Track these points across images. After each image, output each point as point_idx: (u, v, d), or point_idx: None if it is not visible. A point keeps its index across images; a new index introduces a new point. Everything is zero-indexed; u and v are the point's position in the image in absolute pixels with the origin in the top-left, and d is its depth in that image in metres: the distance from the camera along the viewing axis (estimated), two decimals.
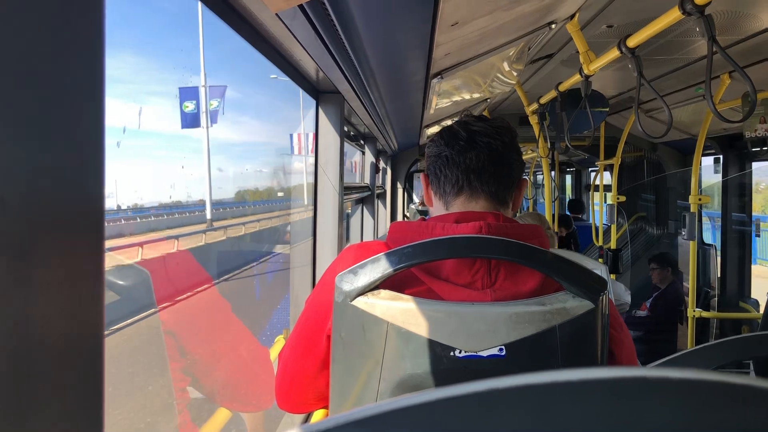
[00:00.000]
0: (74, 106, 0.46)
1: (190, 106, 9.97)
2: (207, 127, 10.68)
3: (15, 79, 0.40)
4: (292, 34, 1.40)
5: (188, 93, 9.99)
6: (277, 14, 1.23)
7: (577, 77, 2.67)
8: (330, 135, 2.32)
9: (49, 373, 0.42)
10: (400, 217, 6.56)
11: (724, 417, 0.25)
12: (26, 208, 0.41)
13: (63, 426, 0.44)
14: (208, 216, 12.17)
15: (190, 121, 10.03)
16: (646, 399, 0.26)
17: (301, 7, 1.17)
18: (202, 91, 10.12)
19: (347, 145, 4.06)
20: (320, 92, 2.29)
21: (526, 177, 1.25)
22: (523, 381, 0.26)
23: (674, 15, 1.65)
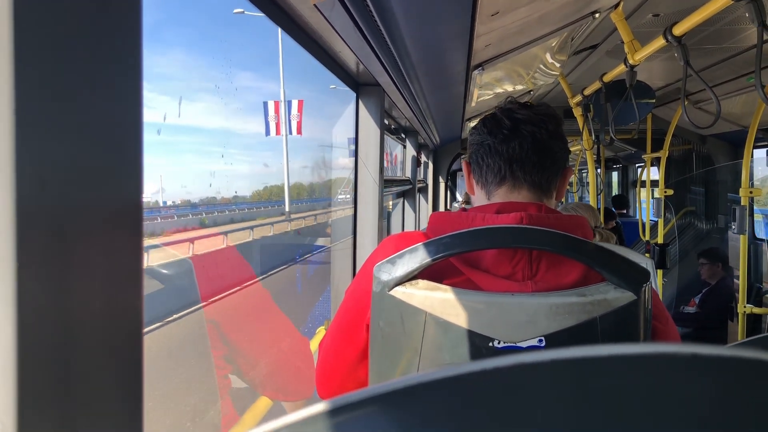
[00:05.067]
0: (113, 99, 0.46)
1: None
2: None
3: (54, 75, 0.41)
4: (331, 26, 1.40)
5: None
6: (315, 5, 1.24)
7: (621, 68, 2.61)
8: (370, 128, 2.33)
9: (89, 360, 0.43)
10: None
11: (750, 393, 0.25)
12: (65, 200, 0.42)
13: (105, 410, 0.45)
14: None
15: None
16: (681, 373, 0.25)
17: None
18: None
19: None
20: (360, 85, 2.30)
21: (572, 165, 1.23)
22: (548, 356, 0.26)
23: (722, 1, 1.60)
